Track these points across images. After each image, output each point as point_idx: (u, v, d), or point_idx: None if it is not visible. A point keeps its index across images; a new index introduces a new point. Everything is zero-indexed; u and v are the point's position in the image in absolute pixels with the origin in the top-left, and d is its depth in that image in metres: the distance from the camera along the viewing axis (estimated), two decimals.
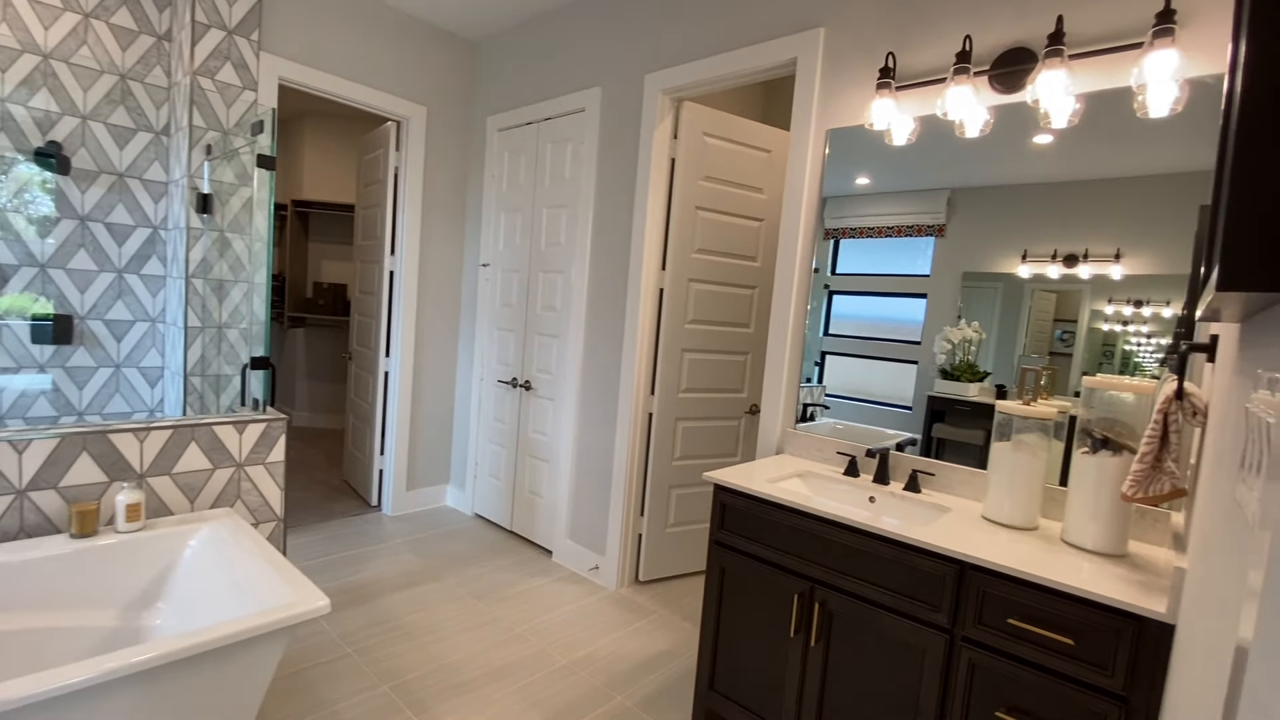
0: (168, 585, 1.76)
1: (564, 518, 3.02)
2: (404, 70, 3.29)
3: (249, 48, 2.72)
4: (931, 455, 1.88)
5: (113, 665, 1.17)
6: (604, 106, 2.84)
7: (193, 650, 1.27)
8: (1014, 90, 1.72)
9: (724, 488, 1.79)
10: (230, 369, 2.78)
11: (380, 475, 3.57)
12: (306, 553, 2.94)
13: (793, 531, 1.65)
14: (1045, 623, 1.25)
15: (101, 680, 1.16)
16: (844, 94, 2.07)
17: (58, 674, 1.13)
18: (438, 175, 3.51)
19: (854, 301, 2.09)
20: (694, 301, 2.77)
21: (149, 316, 2.87)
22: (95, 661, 1.17)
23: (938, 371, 1.89)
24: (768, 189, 2.90)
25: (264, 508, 2.15)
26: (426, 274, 3.53)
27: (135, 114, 2.73)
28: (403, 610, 2.47)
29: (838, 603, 1.57)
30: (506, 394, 3.38)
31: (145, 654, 1.22)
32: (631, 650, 2.32)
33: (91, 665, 1.16)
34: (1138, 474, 1.19)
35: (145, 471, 1.89)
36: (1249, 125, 0.48)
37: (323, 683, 1.99)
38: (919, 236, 1.94)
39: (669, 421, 2.78)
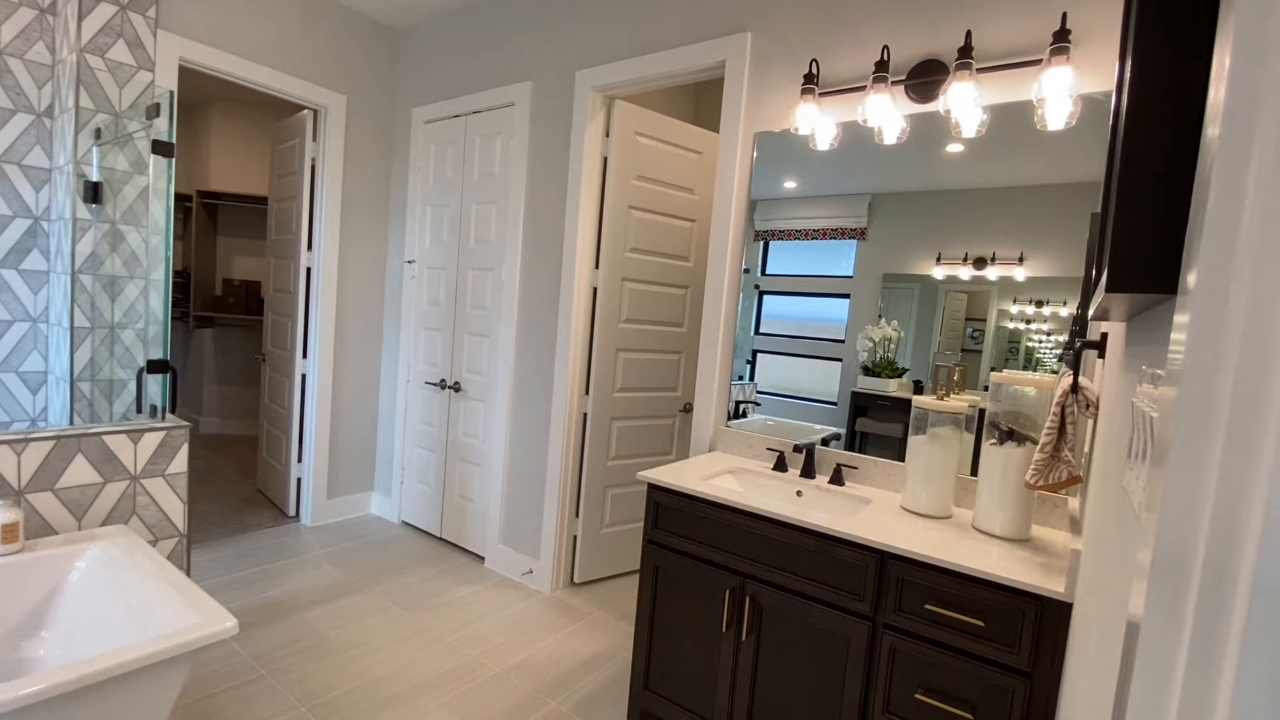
0: (52, 612, 1.60)
1: (496, 522, 2.95)
2: (322, 56, 3.12)
3: (144, 24, 2.50)
4: (856, 449, 1.96)
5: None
6: (534, 102, 2.79)
7: (79, 683, 1.15)
8: (928, 100, 1.81)
9: (657, 486, 1.80)
10: (125, 373, 2.55)
11: (298, 484, 3.38)
12: (216, 569, 2.75)
13: (724, 528, 1.67)
14: (959, 606, 1.32)
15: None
16: (771, 98, 2.12)
17: None
18: (359, 168, 3.35)
19: (783, 301, 2.14)
20: (628, 300, 2.76)
21: (29, 316, 2.60)
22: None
23: (860, 368, 1.97)
24: (699, 190, 2.93)
25: (164, 523, 1.99)
26: (347, 271, 3.37)
27: (13, 93, 2.46)
28: (323, 626, 2.35)
29: (768, 596, 1.60)
30: (435, 396, 3.27)
31: (23, 689, 1.10)
32: (566, 654, 2.29)
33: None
34: (1039, 463, 1.27)
35: (24, 488, 1.70)
36: (1132, 141, 0.52)
37: (233, 707, 1.86)
38: (843, 239, 2.01)
39: (604, 421, 2.76)
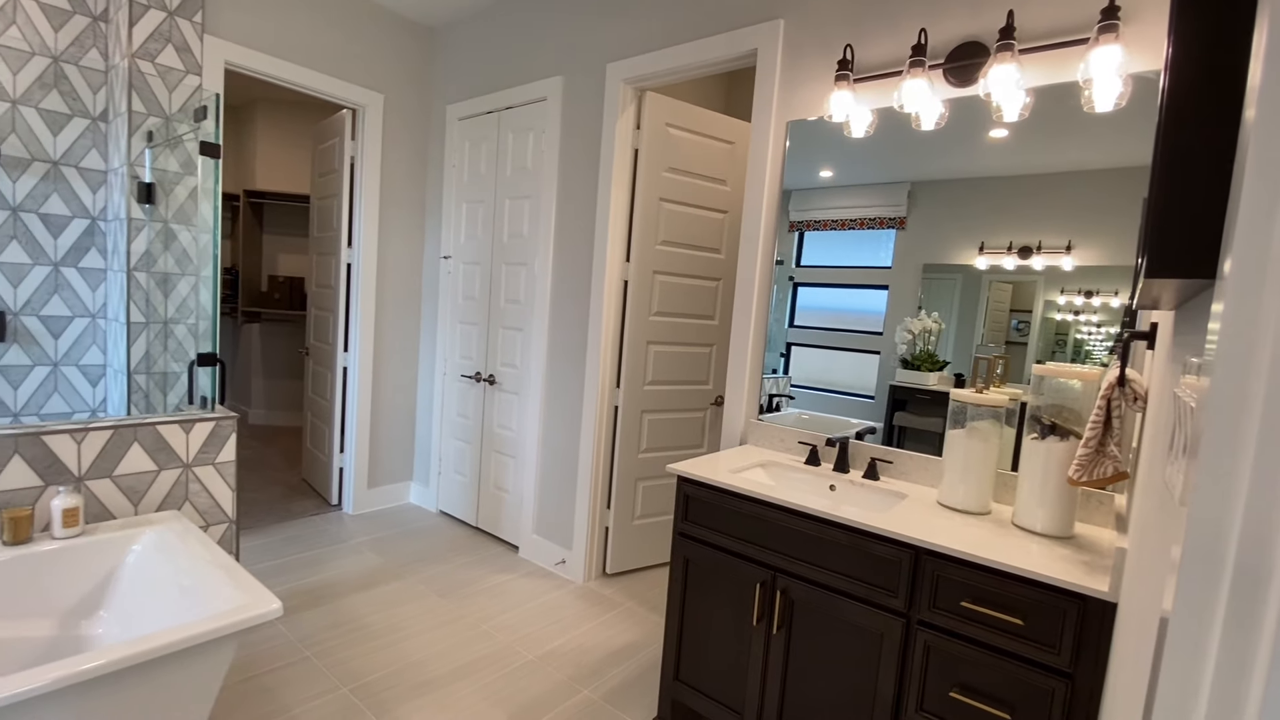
0: (110, 593, 1.69)
1: (530, 513, 3.00)
2: (359, 56, 3.19)
3: (192, 30, 2.60)
4: (893, 443, 1.92)
5: (50, 676, 1.12)
6: (565, 96, 2.80)
7: (135, 659, 1.21)
8: (968, 84, 1.75)
9: (687, 479, 1.80)
10: (177, 366, 2.67)
11: (340, 473, 3.49)
12: (263, 555, 2.86)
13: (755, 521, 1.66)
14: (996, 604, 1.29)
15: (36, 693, 1.10)
16: (804, 86, 2.08)
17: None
18: (396, 165, 3.42)
19: (818, 293, 2.10)
20: (659, 293, 2.76)
21: (89, 312, 2.74)
22: (31, 673, 1.11)
23: (899, 361, 1.93)
24: (731, 181, 2.90)
25: (214, 509, 2.08)
26: (386, 266, 3.45)
27: (70, 99, 2.59)
28: (364, 610, 2.42)
29: (799, 590, 1.58)
30: (470, 389, 3.33)
31: (85, 664, 1.17)
32: (598, 643, 2.32)
33: (26, 677, 1.10)
34: (1082, 458, 1.22)
35: (84, 474, 1.80)
36: (1174, 121, 0.49)
37: (280, 687, 1.94)
38: (881, 229, 1.96)
39: (634, 414, 2.77)
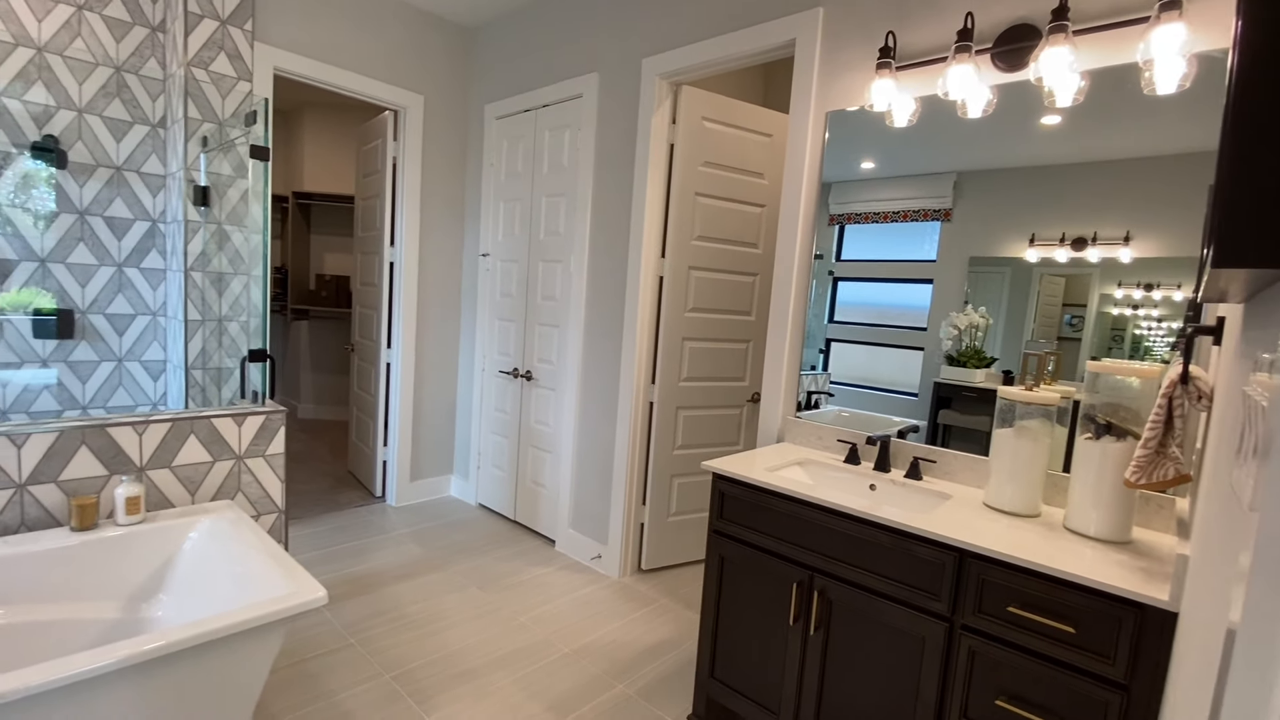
0: (168, 577, 1.77)
1: (566, 507, 3.02)
2: (400, 58, 3.26)
3: (243, 38, 2.70)
4: (938, 442, 1.86)
5: (115, 656, 1.18)
6: (601, 92, 2.81)
7: (192, 641, 1.27)
8: (1017, 68, 1.68)
9: (722, 476, 1.78)
10: (231, 362, 2.78)
11: (384, 466, 3.58)
12: (311, 544, 2.96)
13: (792, 520, 1.63)
14: (1046, 610, 1.24)
15: (104, 670, 1.17)
16: (844, 75, 2.03)
17: (62, 664, 1.14)
18: (436, 165, 3.49)
19: (859, 288, 2.06)
20: (694, 289, 2.74)
21: (150, 310, 2.88)
22: (98, 652, 1.18)
23: (944, 358, 1.87)
24: (769, 174, 2.86)
25: (265, 500, 2.16)
26: (426, 265, 3.52)
27: (131, 106, 2.72)
28: (406, 600, 2.49)
29: (837, 591, 1.55)
30: (508, 384, 3.38)
31: (146, 645, 1.23)
32: (633, 638, 2.32)
33: (94, 655, 1.17)
34: (1141, 460, 1.16)
35: (145, 464, 1.89)
36: (1245, 100, 0.46)
37: (325, 673, 2.00)
38: (925, 221, 1.91)
39: (670, 410, 2.76)
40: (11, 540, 1.62)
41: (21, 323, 2.57)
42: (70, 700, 1.16)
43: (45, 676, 1.11)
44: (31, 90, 2.48)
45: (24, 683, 1.08)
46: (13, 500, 1.68)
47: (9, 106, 2.45)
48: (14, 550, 1.58)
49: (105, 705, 1.21)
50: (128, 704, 1.24)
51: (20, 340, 2.57)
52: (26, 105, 2.48)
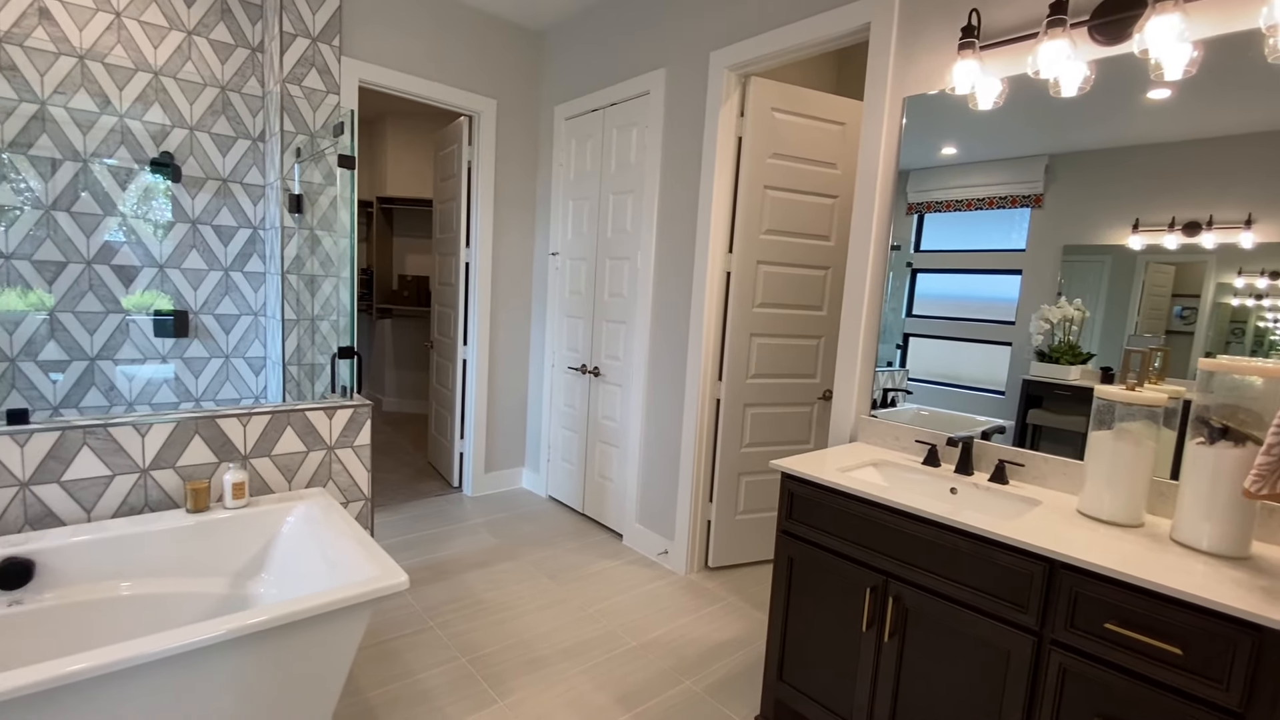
0: (269, 558, 1.92)
1: (633, 502, 3.05)
2: (474, 65, 3.37)
3: (331, 53, 2.87)
4: (1027, 444, 1.75)
5: (224, 628, 1.29)
6: (668, 88, 2.80)
7: (292, 617, 1.37)
8: (1118, 41, 1.55)
9: (792, 476, 1.75)
10: (323, 358, 2.97)
11: (461, 458, 3.73)
12: (394, 530, 3.12)
13: (865, 523, 1.58)
14: (1149, 629, 1.14)
15: (215, 641, 1.28)
16: (922, 58, 1.93)
17: (177, 634, 1.25)
18: (508, 167, 3.59)
19: (940, 280, 1.96)
20: (763, 284, 2.70)
21: (252, 310, 3.11)
22: (209, 624, 1.29)
23: (1034, 353, 1.76)
24: (842, 164, 2.77)
25: (353, 488, 2.29)
26: (500, 264, 3.63)
27: (234, 122, 2.95)
28: (480, 587, 2.58)
29: (913, 598, 1.49)
30: (576, 380, 3.44)
31: (252, 619, 1.33)
32: (700, 636, 2.32)
33: (205, 627, 1.28)
34: (1263, 468, 1.05)
35: (248, 453, 2.05)
36: None
37: (407, 652, 2.11)
38: (1013, 208, 1.79)
39: (737, 408, 2.73)
40: (138, 519, 1.80)
41: (144, 323, 2.84)
42: (184, 667, 1.28)
43: (162, 645, 1.22)
44: (150, 111, 2.74)
45: (141, 650, 1.20)
46: (138, 484, 1.86)
47: (131, 127, 2.71)
48: (141, 529, 1.75)
49: (215, 673, 1.32)
50: (235, 672, 1.35)
51: (143, 338, 2.84)
52: (146, 125, 2.74)
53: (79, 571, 1.67)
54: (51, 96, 2.53)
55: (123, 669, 1.19)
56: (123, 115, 2.68)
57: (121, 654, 1.18)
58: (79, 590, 1.66)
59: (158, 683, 1.25)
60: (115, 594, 1.69)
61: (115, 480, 1.82)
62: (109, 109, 2.65)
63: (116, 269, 2.75)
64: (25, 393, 2.61)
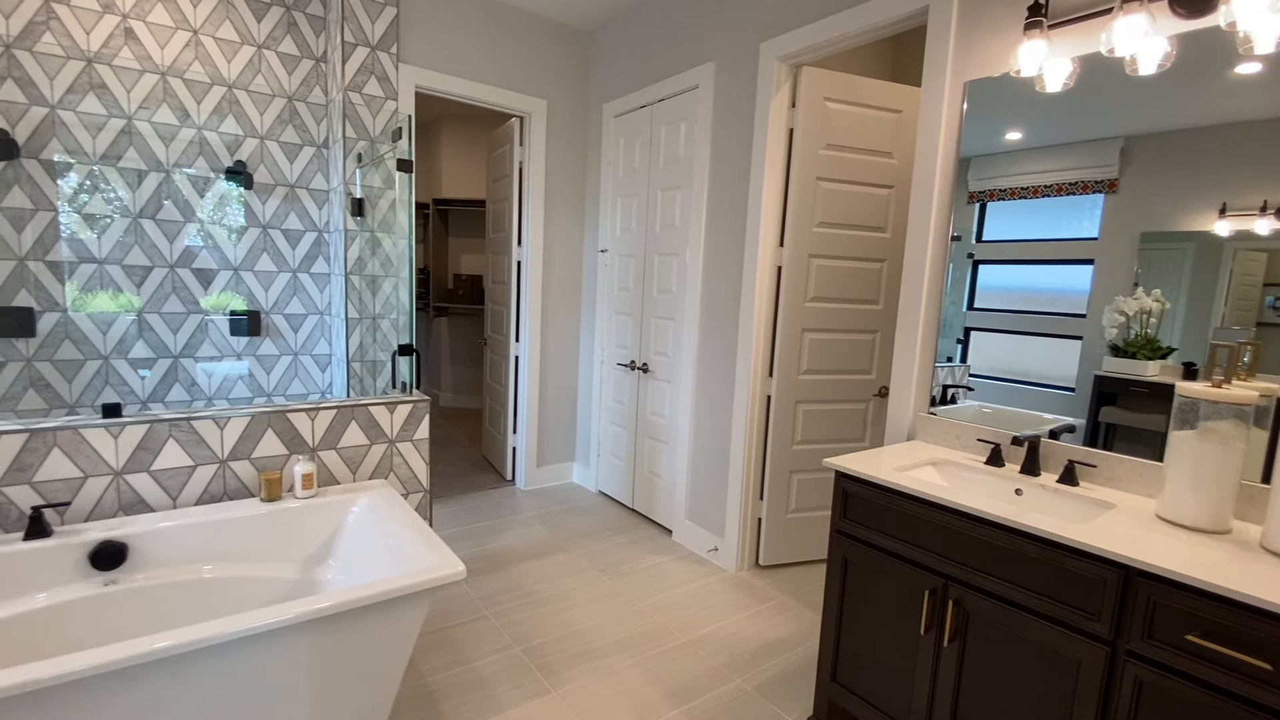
0: (335, 546, 2.01)
1: (683, 498, 3.05)
2: (524, 67, 3.43)
3: (389, 61, 2.97)
4: (1099, 443, 1.66)
5: (294, 612, 1.36)
6: (717, 81, 2.77)
7: (358, 603, 1.44)
8: (1201, 13, 1.44)
9: (847, 475, 1.71)
10: (383, 355, 3.09)
11: (513, 452, 3.82)
12: (450, 521, 3.22)
13: (924, 524, 1.54)
14: (1236, 642, 1.07)
15: (287, 623, 1.35)
16: (984, 41, 1.85)
17: (250, 616, 1.33)
18: (558, 166, 3.63)
19: (1004, 271, 1.88)
20: (815, 278, 2.64)
21: (318, 310, 3.26)
22: (281, 608, 1.37)
23: (1107, 348, 1.66)
24: (898, 153, 2.68)
25: (413, 480, 2.38)
26: (550, 262, 3.68)
27: (301, 131, 3.09)
28: (533, 579, 2.64)
29: (975, 602, 1.44)
30: (625, 376, 3.46)
31: (321, 603, 1.40)
32: (751, 634, 2.31)
33: (278, 610, 1.36)
34: None
35: (316, 446, 2.16)
36: None
37: (464, 640, 2.18)
38: (1084, 194, 1.70)
39: (788, 404, 2.69)
40: (217, 507, 1.92)
41: (221, 322, 3.02)
42: (260, 646, 1.36)
43: (239, 626, 1.30)
44: (225, 122, 2.90)
45: (219, 630, 1.29)
46: (217, 473, 1.98)
47: (208, 138, 2.88)
48: (220, 516, 1.87)
49: (288, 653, 1.40)
50: (306, 652, 1.43)
51: (220, 337, 3.02)
52: (221, 135, 2.90)
53: (166, 555, 1.79)
54: (137, 111, 2.72)
55: (204, 647, 1.28)
56: (200, 127, 2.85)
57: (203, 633, 1.26)
58: (166, 572, 1.78)
59: (236, 661, 1.33)
60: (198, 576, 1.81)
61: (197, 470, 1.95)
62: (188, 122, 2.82)
63: (196, 272, 2.93)
64: (118, 388, 2.81)
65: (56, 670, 1.12)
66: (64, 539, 1.65)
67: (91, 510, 1.81)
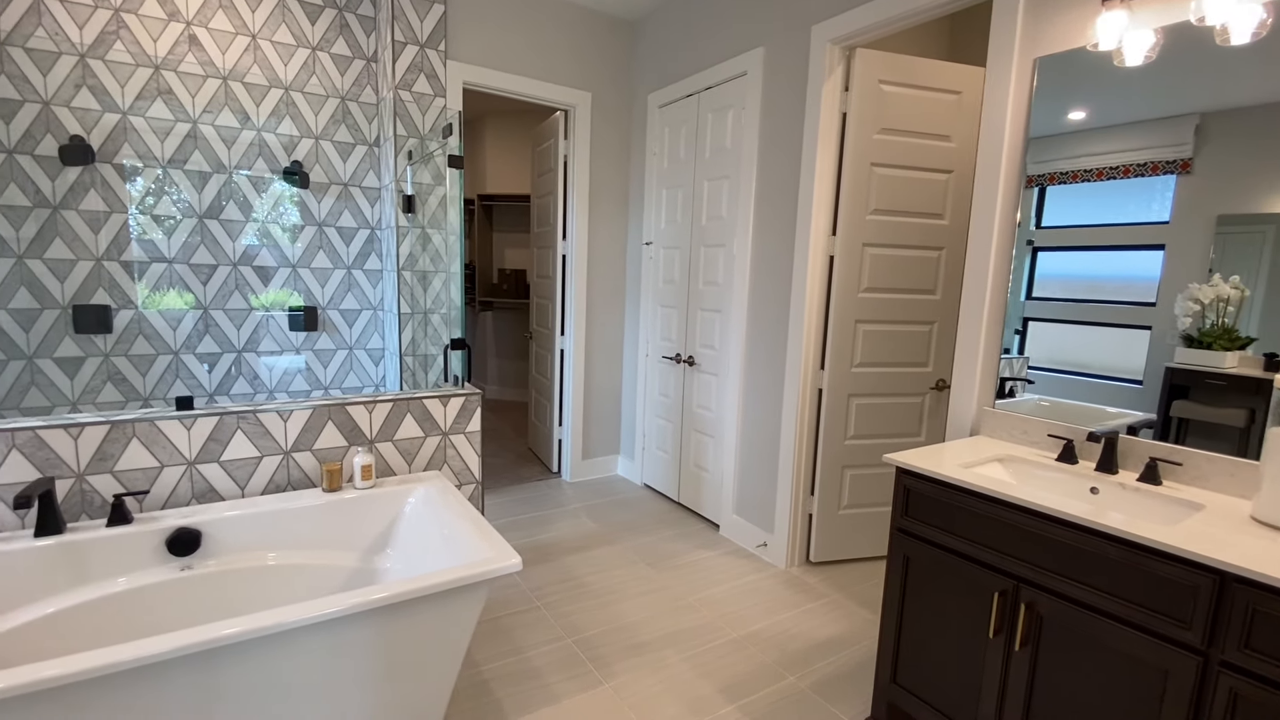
0: (393, 535, 2.06)
1: (730, 493, 3.02)
2: (569, 60, 3.42)
3: (438, 58, 3.00)
4: (1170, 439, 1.57)
5: (356, 600, 1.40)
6: (766, 67, 2.71)
7: (418, 593, 1.46)
8: None
9: (909, 472, 1.65)
10: (434, 349, 3.15)
11: (559, 444, 3.84)
12: (500, 512, 3.27)
13: (993, 523, 1.47)
14: None
15: (350, 612, 1.39)
16: (1056, 13, 1.75)
17: (318, 604, 1.37)
18: (603, 159, 3.62)
19: (1064, 258, 1.78)
20: (869, 268, 2.57)
21: (372, 305, 3.34)
22: (344, 596, 1.40)
23: (1179, 338, 1.56)
24: (957, 136, 2.58)
25: (465, 471, 2.42)
26: (595, 256, 3.68)
27: (353, 130, 3.16)
28: (582, 571, 2.65)
29: (1049, 606, 1.38)
30: (670, 369, 3.44)
31: (381, 593, 1.44)
32: (803, 631, 2.27)
33: (342, 599, 1.39)
34: None
35: (374, 438, 2.21)
36: None
37: (517, 630, 2.21)
38: (1153, 175, 1.60)
39: (841, 398, 2.63)
40: (282, 497, 1.98)
41: (280, 318, 3.12)
42: (319, 636, 1.40)
43: (305, 614, 1.34)
44: (282, 124, 2.98)
45: (284, 618, 1.32)
46: (282, 464, 2.05)
47: (267, 140, 2.97)
48: (285, 505, 1.93)
49: (352, 640, 1.44)
50: (365, 641, 1.46)
51: (280, 332, 3.13)
52: (279, 137, 2.99)
53: (235, 542, 1.86)
54: (201, 115, 2.82)
55: (270, 634, 1.32)
56: (260, 129, 2.94)
57: (267, 620, 1.31)
58: (236, 558, 1.85)
59: (298, 648, 1.38)
60: (264, 563, 1.88)
61: (263, 460, 2.02)
62: (248, 124, 2.92)
63: (257, 270, 3.03)
64: (186, 381, 2.94)
65: (136, 653, 1.17)
66: (143, 525, 1.74)
67: (168, 498, 1.90)
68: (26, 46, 2.50)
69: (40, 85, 2.54)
